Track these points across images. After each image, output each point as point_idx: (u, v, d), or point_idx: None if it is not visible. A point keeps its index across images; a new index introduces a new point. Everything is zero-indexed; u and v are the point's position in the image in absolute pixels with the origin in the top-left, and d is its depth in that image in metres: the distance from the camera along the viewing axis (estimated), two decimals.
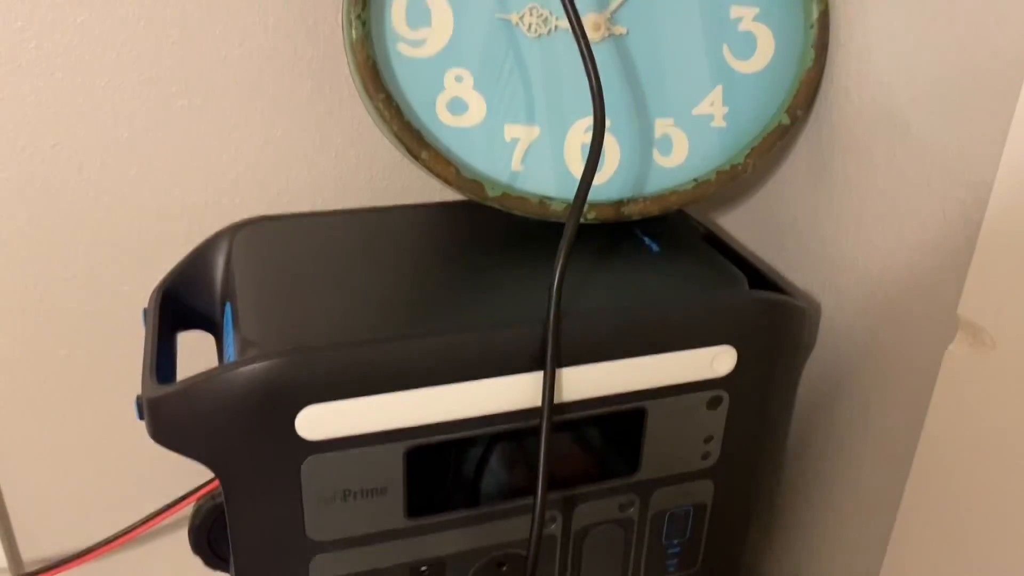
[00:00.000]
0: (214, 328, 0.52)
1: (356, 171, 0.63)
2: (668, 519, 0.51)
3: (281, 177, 0.61)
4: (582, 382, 0.44)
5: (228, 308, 0.49)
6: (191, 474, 0.66)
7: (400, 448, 0.42)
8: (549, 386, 0.42)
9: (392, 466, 0.43)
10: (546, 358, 0.42)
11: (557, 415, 0.44)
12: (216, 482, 0.59)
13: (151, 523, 0.60)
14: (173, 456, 0.68)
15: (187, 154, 0.59)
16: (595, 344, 0.44)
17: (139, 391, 0.65)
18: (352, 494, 0.43)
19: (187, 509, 0.59)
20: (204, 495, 0.59)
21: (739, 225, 0.62)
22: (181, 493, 0.62)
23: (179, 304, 0.50)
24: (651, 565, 0.52)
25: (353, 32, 0.46)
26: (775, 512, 0.61)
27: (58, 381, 0.63)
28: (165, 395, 0.40)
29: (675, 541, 0.52)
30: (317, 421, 0.40)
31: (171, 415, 0.40)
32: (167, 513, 0.60)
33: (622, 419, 0.47)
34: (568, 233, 0.43)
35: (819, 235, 0.54)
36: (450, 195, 0.65)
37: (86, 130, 0.57)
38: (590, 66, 0.45)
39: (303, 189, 0.62)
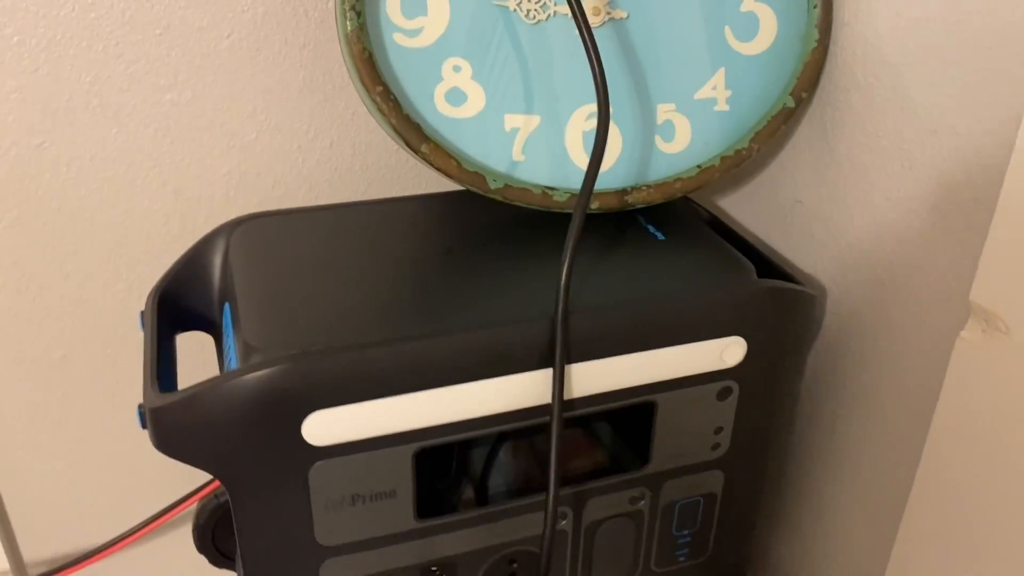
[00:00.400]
0: (213, 329, 0.51)
1: (351, 161, 0.61)
2: (678, 510, 0.50)
3: (274, 169, 0.60)
4: (592, 377, 0.43)
5: (227, 308, 0.48)
6: (192, 474, 0.66)
7: (409, 450, 0.42)
8: (559, 383, 0.42)
9: (401, 468, 0.42)
10: (555, 355, 0.41)
11: (567, 411, 0.43)
12: (218, 481, 0.59)
13: (155, 523, 0.60)
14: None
15: (177, 149, 0.57)
16: (605, 339, 0.43)
17: (139, 393, 0.64)
18: (361, 498, 0.42)
19: (190, 508, 0.59)
20: (207, 494, 0.59)
21: (740, 208, 0.61)
22: (183, 492, 0.61)
23: (177, 305, 0.49)
24: (661, 556, 0.52)
25: (348, 24, 0.45)
26: (781, 500, 0.61)
27: (55, 383, 0.62)
28: (168, 404, 0.39)
29: (685, 531, 0.51)
30: (324, 426, 0.40)
31: (174, 424, 0.39)
32: (171, 513, 0.59)
33: (632, 413, 0.46)
34: (575, 226, 0.42)
35: (824, 218, 0.53)
36: (447, 185, 0.64)
37: (73, 127, 0.55)
38: (592, 53, 0.43)
39: (297, 181, 0.61)
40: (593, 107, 0.50)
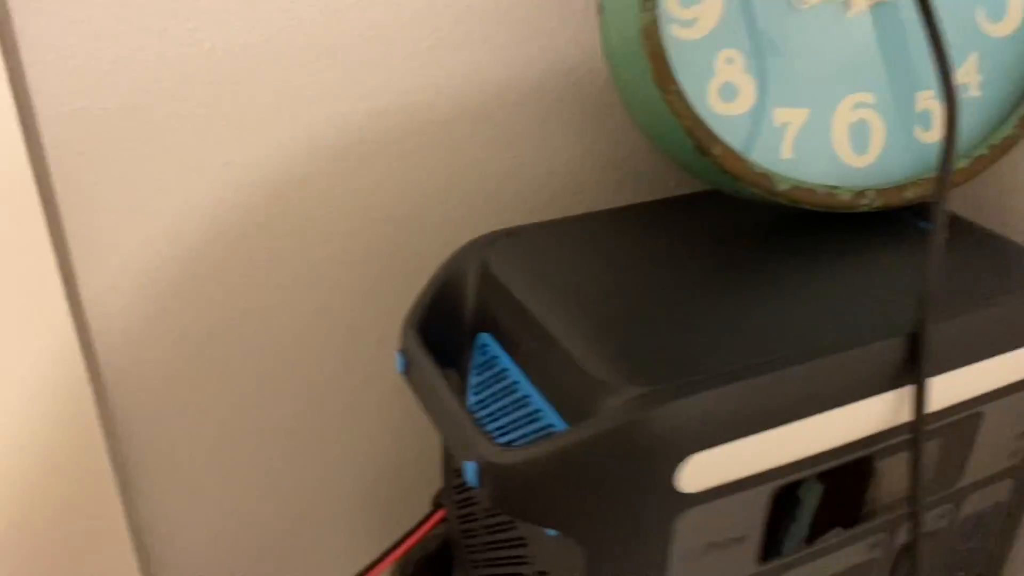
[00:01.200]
0: (457, 362, 0.46)
1: (546, 175, 0.56)
2: (970, 523, 0.47)
3: (478, 185, 0.54)
4: (938, 392, 0.40)
5: (487, 339, 0.43)
6: (375, 527, 0.60)
7: (768, 489, 0.37)
8: (920, 401, 0.38)
9: (757, 510, 0.38)
10: (920, 371, 0.38)
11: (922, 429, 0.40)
12: (421, 531, 0.54)
13: None
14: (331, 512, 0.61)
15: (371, 165, 0.51)
16: (959, 349, 0.39)
17: (322, 427, 0.57)
18: (716, 545, 0.38)
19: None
20: (411, 548, 0.54)
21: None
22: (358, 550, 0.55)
23: (427, 339, 0.44)
24: (946, 570, 0.48)
25: (644, 17, 0.40)
26: None
27: (237, 428, 0.55)
28: (520, 462, 0.34)
29: (970, 546, 0.48)
30: (700, 471, 0.35)
31: (523, 482, 0.34)
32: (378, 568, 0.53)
33: (955, 426, 0.43)
34: (939, 227, 0.38)
35: None
36: (654, 190, 0.59)
37: (260, 142, 0.49)
38: (936, 32, 0.39)
39: (504, 195, 0.55)
40: (860, 97, 0.46)
